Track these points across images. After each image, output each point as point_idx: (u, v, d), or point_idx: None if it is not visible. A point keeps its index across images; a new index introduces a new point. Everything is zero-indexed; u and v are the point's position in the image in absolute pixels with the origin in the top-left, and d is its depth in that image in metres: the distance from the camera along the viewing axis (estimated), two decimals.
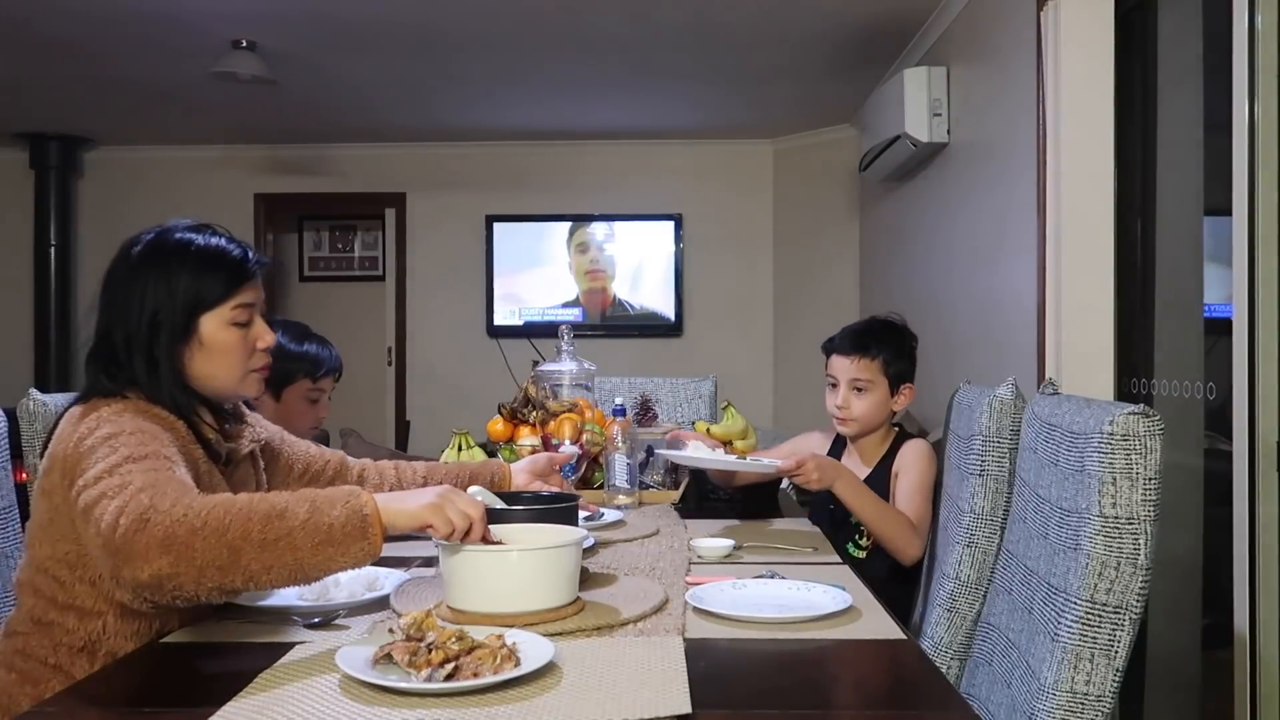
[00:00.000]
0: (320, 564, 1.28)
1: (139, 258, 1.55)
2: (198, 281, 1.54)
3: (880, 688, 1.33)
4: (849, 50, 4.29)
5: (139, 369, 1.51)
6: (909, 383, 2.44)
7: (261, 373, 1.64)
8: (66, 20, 3.88)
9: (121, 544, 1.24)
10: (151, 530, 1.24)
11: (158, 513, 1.26)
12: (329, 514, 1.28)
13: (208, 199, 5.92)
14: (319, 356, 2.57)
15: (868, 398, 2.39)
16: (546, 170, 6.14)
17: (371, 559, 1.31)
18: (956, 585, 1.96)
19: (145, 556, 1.23)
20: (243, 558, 1.24)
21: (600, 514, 2.19)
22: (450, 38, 4.13)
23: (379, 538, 1.30)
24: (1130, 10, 2.89)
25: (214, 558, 1.24)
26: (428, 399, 6.16)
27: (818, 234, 5.85)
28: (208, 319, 1.54)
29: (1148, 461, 1.37)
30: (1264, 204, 2.20)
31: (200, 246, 1.56)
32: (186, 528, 1.24)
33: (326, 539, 1.27)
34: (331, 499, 1.30)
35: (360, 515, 1.29)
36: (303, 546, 1.26)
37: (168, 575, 1.23)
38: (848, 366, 2.40)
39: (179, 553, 1.23)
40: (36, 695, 1.40)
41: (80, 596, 1.44)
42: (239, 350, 1.58)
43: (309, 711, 1.09)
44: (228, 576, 1.25)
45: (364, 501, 1.30)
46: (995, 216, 3.37)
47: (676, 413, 3.41)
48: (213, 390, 1.58)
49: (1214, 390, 2.56)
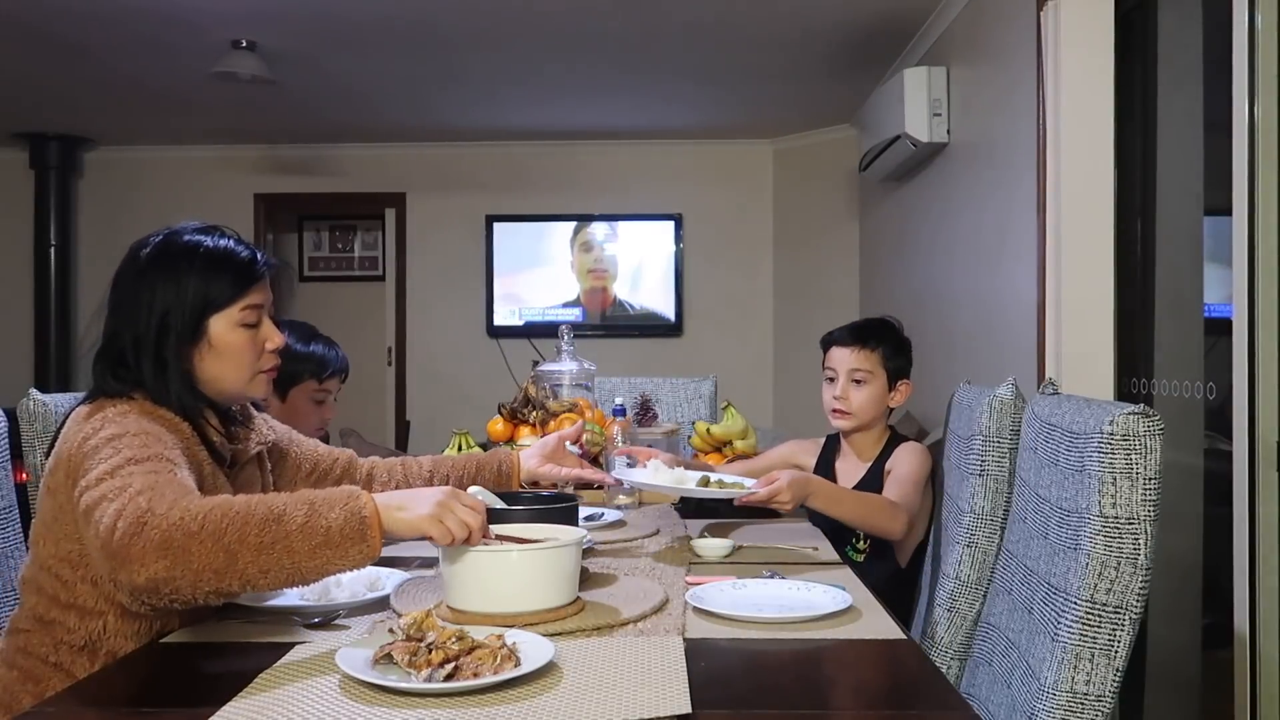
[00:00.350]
0: (318, 567, 1.28)
1: (148, 260, 1.55)
2: (207, 283, 1.54)
3: (880, 688, 1.33)
4: (849, 50, 4.29)
5: (147, 370, 1.52)
6: (906, 379, 2.44)
7: (270, 374, 1.64)
8: (66, 20, 3.89)
9: (119, 548, 1.24)
10: (148, 534, 1.24)
11: (155, 516, 1.26)
12: (327, 516, 1.28)
13: (208, 199, 5.93)
14: (325, 357, 2.57)
15: (866, 390, 2.39)
16: (546, 170, 6.14)
17: (370, 561, 1.31)
18: (956, 585, 1.96)
19: (142, 560, 1.23)
20: (239, 561, 1.24)
21: (602, 513, 2.19)
22: (450, 38, 4.13)
23: (377, 540, 1.30)
24: (1130, 10, 2.89)
25: (210, 562, 1.24)
26: (428, 399, 6.16)
27: (818, 234, 5.85)
28: (216, 320, 1.55)
29: (1148, 461, 1.37)
30: (1264, 204, 2.20)
31: (209, 248, 1.56)
32: (183, 532, 1.24)
33: (324, 542, 1.27)
34: (330, 501, 1.30)
35: (359, 518, 1.29)
36: (300, 550, 1.26)
37: (164, 579, 1.23)
38: (847, 357, 2.40)
39: (175, 557, 1.23)
40: (38, 694, 1.41)
41: (82, 596, 1.45)
42: (248, 351, 1.58)
43: (309, 711, 1.09)
44: (224, 580, 1.25)
45: (363, 504, 1.30)
46: (995, 216, 3.37)
47: (676, 413, 3.41)
48: (221, 391, 1.59)
49: (1214, 390, 2.56)
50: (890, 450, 2.41)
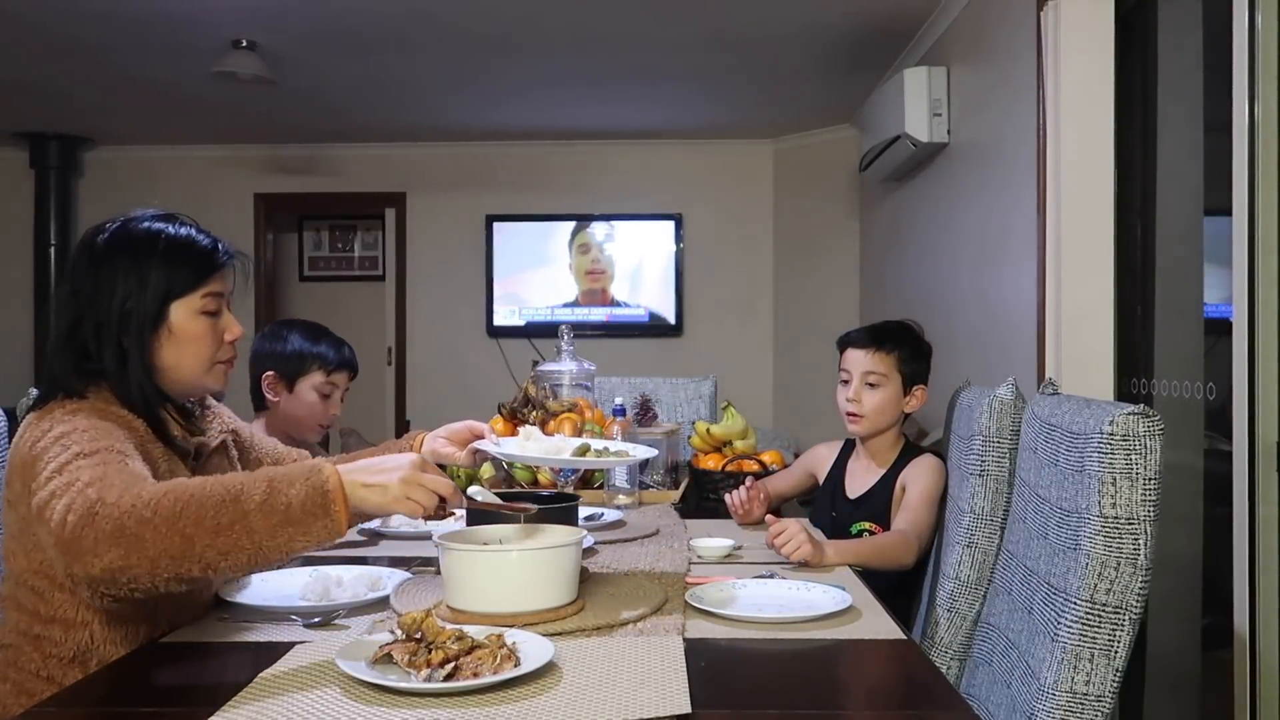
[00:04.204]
0: (280, 545, 1.24)
1: (106, 246, 1.52)
2: (169, 269, 1.52)
3: (880, 688, 1.33)
4: (849, 50, 4.29)
5: (108, 359, 1.49)
6: (922, 384, 2.39)
7: (228, 366, 1.62)
8: (67, 20, 3.88)
9: (70, 540, 1.22)
10: (99, 524, 1.22)
11: (105, 505, 1.23)
12: (287, 493, 1.24)
13: (208, 199, 5.92)
14: (333, 352, 2.61)
15: (880, 393, 2.34)
16: (546, 170, 6.14)
17: (337, 537, 1.27)
18: (956, 585, 1.96)
19: (95, 551, 1.21)
20: (196, 545, 1.22)
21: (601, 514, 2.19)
22: (451, 38, 4.13)
23: (342, 514, 1.26)
24: (1130, 10, 2.89)
25: (166, 547, 1.21)
26: (428, 399, 6.16)
27: (818, 234, 5.85)
28: (177, 307, 1.53)
29: (1148, 461, 1.37)
30: (1264, 204, 2.20)
31: (171, 235, 1.54)
32: (136, 518, 1.22)
33: (285, 519, 1.23)
34: (290, 477, 1.26)
35: (321, 492, 1.25)
36: (259, 529, 1.23)
37: (120, 568, 1.21)
38: (862, 359, 2.36)
39: (129, 544, 1.21)
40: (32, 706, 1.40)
41: (61, 607, 1.43)
42: (207, 340, 1.56)
43: (309, 711, 1.09)
44: (183, 565, 1.22)
45: (325, 476, 1.26)
46: (995, 216, 3.37)
47: (676, 413, 3.41)
48: (178, 381, 1.56)
49: (1214, 390, 2.56)
50: (904, 461, 2.36)
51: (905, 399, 2.37)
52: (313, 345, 2.59)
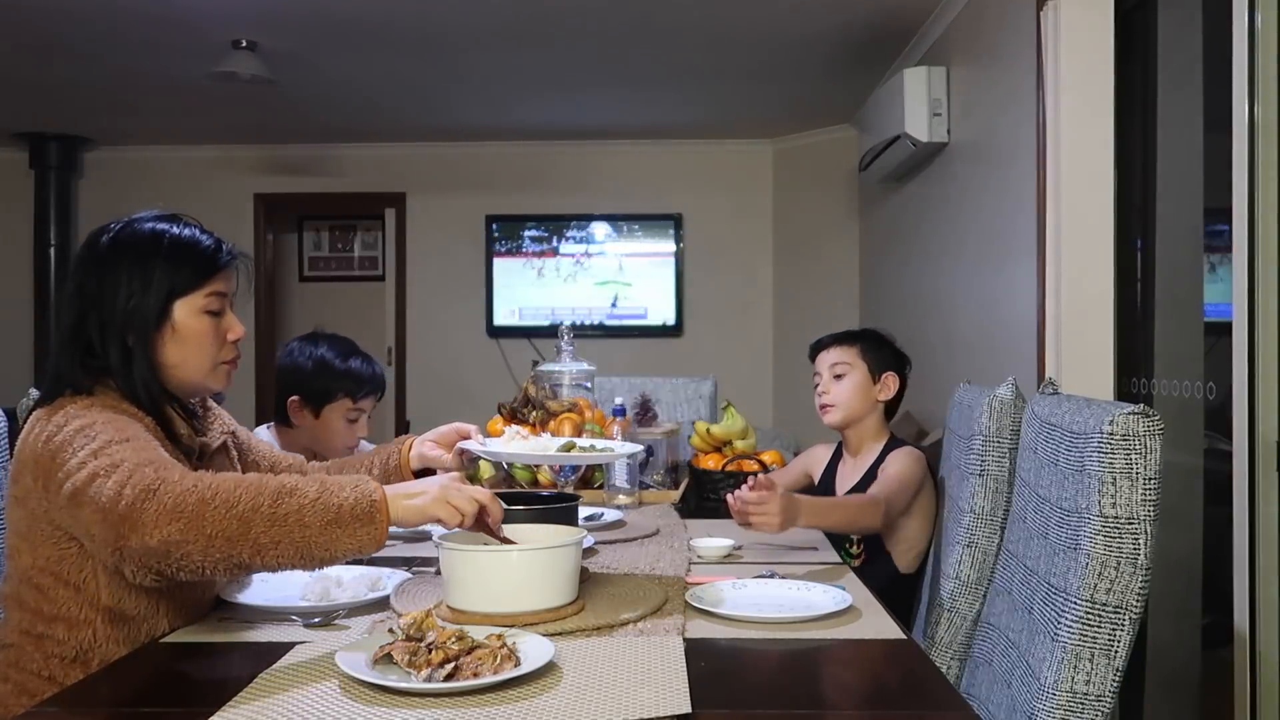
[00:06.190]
0: (326, 544, 1.28)
1: (111, 246, 1.53)
2: (172, 268, 1.53)
3: (880, 688, 1.33)
4: (849, 50, 4.29)
5: (114, 356, 1.50)
6: (892, 371, 2.44)
7: (231, 366, 1.63)
8: (67, 20, 3.88)
9: (127, 512, 1.25)
10: (161, 498, 1.26)
11: (167, 483, 1.27)
12: (339, 495, 1.29)
13: (208, 199, 5.91)
14: (361, 375, 2.52)
15: (847, 382, 2.43)
16: (546, 170, 6.14)
17: (377, 547, 1.31)
18: (956, 585, 1.96)
19: (155, 523, 1.24)
20: (252, 530, 1.25)
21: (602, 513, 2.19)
22: (450, 37, 4.13)
23: (385, 526, 1.31)
24: (1130, 10, 2.89)
25: (224, 528, 1.25)
26: (428, 399, 6.16)
27: (818, 234, 5.85)
28: (181, 305, 1.54)
29: (1148, 461, 1.37)
30: (1264, 204, 2.20)
31: (174, 235, 1.55)
32: (197, 497, 1.26)
33: (335, 519, 1.28)
34: (341, 482, 1.32)
35: (369, 500, 1.30)
36: (311, 524, 1.27)
37: (177, 542, 1.24)
38: (826, 355, 2.48)
39: (189, 520, 1.25)
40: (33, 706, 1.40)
41: (66, 605, 1.43)
42: (210, 339, 1.57)
43: (309, 712, 1.09)
44: (236, 548, 1.25)
45: (373, 488, 1.32)
46: (995, 216, 3.37)
47: (676, 413, 3.41)
48: (182, 380, 1.56)
49: (1214, 390, 2.56)
50: (886, 454, 2.40)
51: (876, 387, 2.43)
52: (341, 368, 2.49)
